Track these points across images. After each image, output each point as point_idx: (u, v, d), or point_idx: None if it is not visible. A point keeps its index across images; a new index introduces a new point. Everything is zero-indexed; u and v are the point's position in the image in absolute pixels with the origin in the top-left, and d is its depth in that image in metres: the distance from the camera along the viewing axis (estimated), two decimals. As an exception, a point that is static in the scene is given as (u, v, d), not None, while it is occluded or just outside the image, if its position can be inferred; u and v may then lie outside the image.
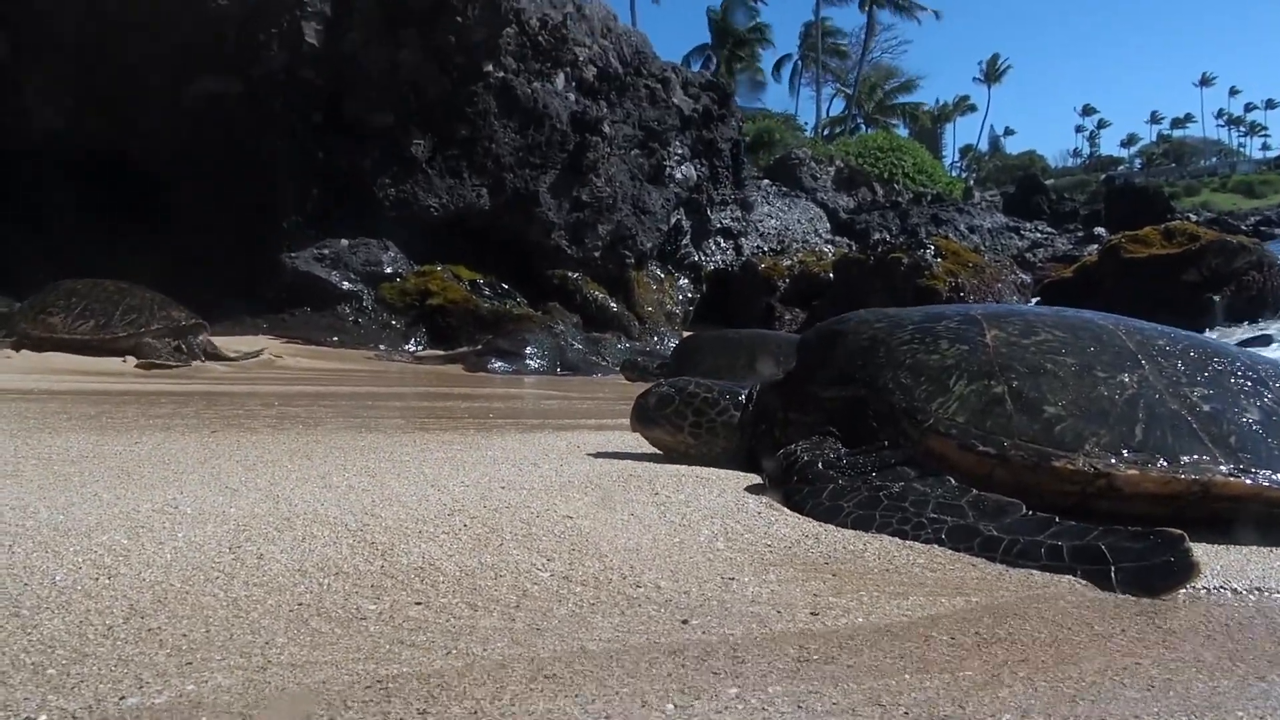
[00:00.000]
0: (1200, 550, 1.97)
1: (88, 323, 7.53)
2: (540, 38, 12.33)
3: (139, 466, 2.43)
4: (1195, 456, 2.06)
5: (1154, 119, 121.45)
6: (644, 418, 2.70)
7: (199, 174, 10.67)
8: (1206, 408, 2.17)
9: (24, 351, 7.41)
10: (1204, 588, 1.79)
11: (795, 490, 2.20)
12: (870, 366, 2.36)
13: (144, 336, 7.58)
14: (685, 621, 1.48)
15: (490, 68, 11.72)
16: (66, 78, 10.08)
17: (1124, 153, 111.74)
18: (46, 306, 7.59)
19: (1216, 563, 1.90)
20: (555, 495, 2.20)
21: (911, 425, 2.20)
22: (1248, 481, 2.04)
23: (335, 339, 10.60)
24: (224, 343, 8.82)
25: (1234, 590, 1.79)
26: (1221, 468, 2.05)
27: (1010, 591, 1.78)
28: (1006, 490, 2.11)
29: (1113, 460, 2.06)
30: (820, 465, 2.21)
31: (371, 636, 1.35)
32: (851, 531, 2.01)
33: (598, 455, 2.83)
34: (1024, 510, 1.95)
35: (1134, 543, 1.78)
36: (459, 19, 10.99)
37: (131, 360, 7.37)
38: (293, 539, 1.77)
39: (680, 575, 1.71)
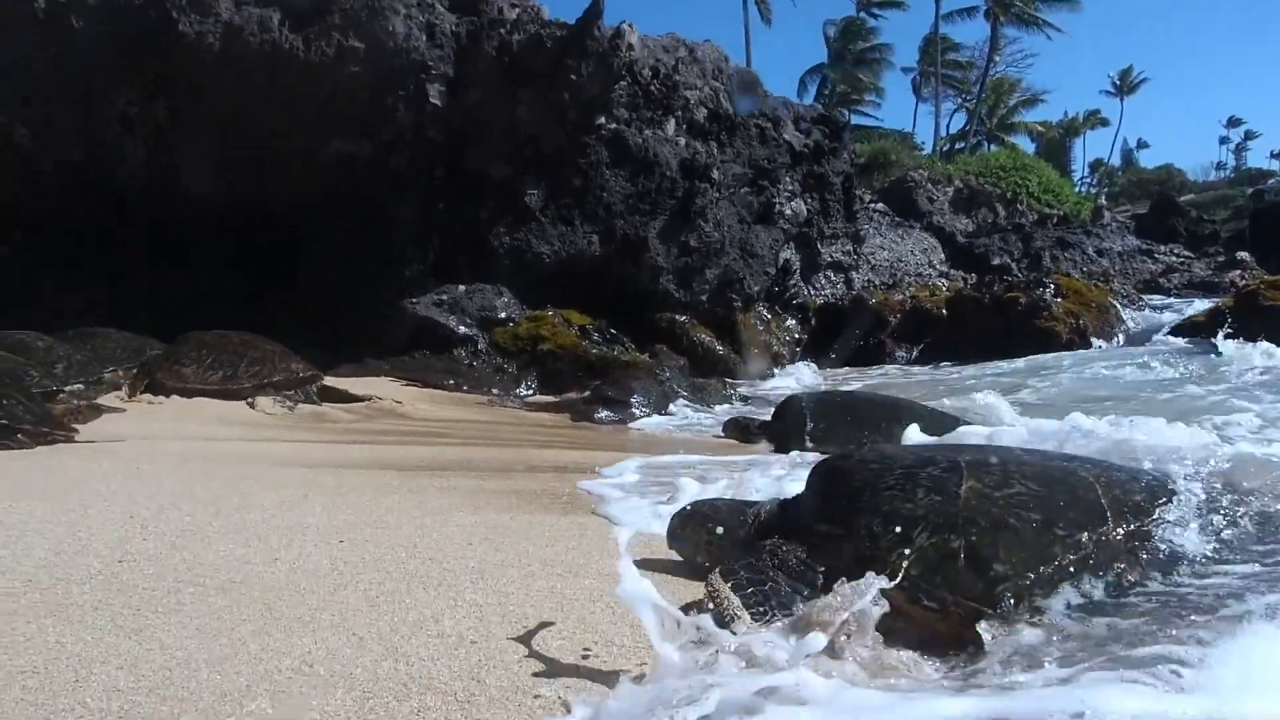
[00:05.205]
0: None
1: (217, 373, 8.23)
2: (652, 87, 12.63)
3: (278, 597, 2.70)
4: None
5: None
6: (670, 535, 3.00)
7: (332, 228, 11.42)
8: None
9: (174, 397, 8.13)
10: None
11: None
12: (852, 510, 2.50)
13: (265, 388, 8.24)
14: None
15: (603, 120, 12.08)
16: (215, 141, 10.98)
17: (1275, 165, 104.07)
18: (180, 357, 8.33)
19: None
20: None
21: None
22: None
23: (451, 381, 11.10)
24: (349, 384, 9.44)
25: None
26: None
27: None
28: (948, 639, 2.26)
29: None
30: (743, 575, 2.38)
31: None
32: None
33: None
34: None
35: None
36: (574, 78, 11.39)
37: (255, 404, 8.04)
38: (410, 710, 1.98)
39: None
